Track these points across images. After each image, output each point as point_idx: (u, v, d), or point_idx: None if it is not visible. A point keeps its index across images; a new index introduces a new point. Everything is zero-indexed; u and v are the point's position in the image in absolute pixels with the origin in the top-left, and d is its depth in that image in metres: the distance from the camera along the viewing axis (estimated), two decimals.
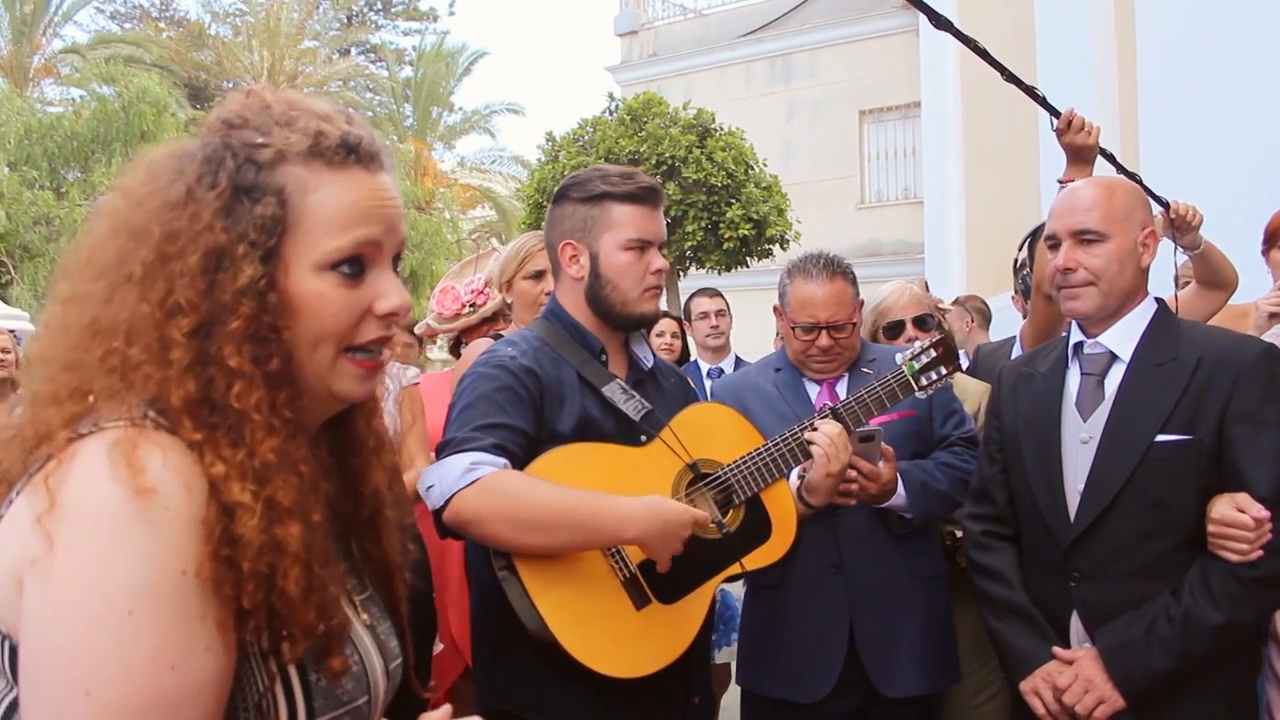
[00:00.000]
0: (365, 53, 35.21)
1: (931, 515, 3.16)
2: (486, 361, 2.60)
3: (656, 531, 2.39)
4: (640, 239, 2.66)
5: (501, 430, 2.45)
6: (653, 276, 2.69)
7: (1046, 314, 3.58)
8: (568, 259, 2.69)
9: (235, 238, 1.23)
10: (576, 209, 2.69)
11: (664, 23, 22.63)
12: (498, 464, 2.38)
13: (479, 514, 2.34)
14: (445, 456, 2.43)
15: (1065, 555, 2.57)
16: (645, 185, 2.71)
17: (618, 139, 13.19)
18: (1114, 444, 2.54)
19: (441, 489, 2.37)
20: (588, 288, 2.68)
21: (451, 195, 29.27)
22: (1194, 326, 2.70)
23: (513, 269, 3.92)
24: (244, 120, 1.28)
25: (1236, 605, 2.39)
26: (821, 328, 3.24)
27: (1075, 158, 3.42)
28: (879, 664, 3.12)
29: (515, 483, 2.38)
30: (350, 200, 1.28)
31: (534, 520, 2.35)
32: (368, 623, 1.40)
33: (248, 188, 1.24)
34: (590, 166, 2.88)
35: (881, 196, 19.61)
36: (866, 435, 2.93)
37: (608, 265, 2.66)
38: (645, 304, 2.70)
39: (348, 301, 1.28)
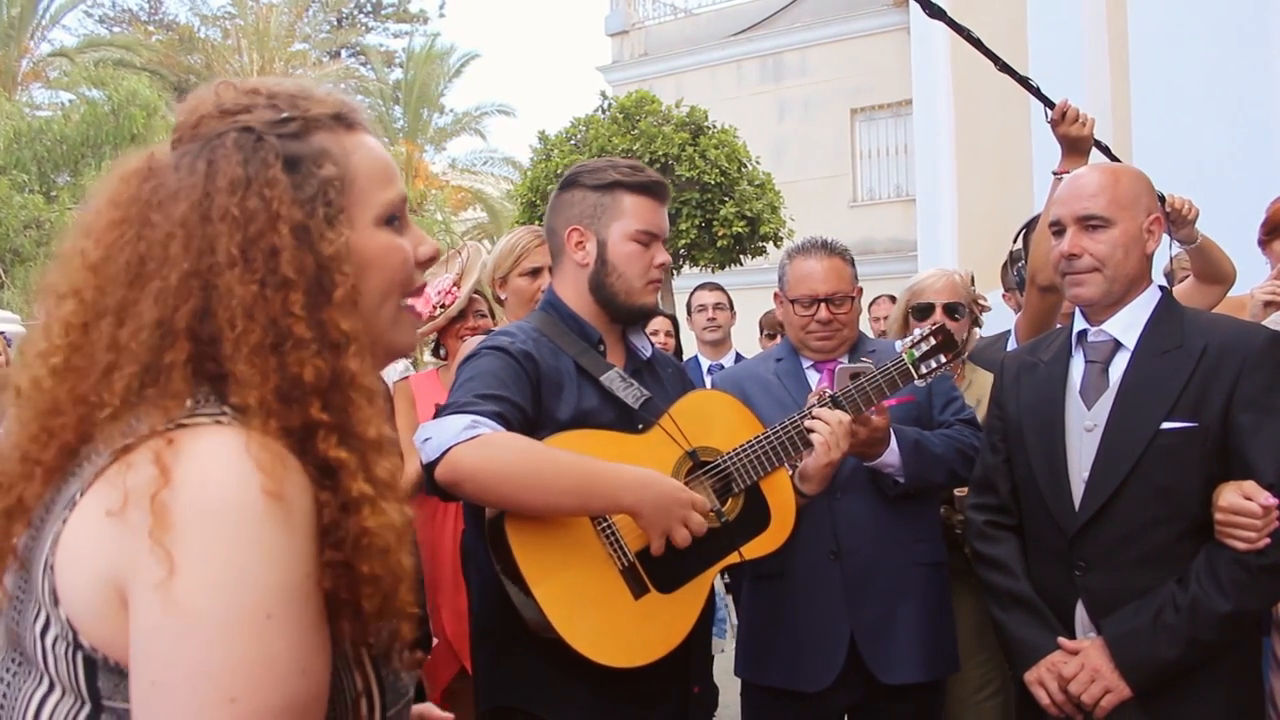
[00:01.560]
0: (355, 55, 35.16)
1: (926, 480, 3.11)
2: (486, 345, 2.59)
3: (652, 501, 2.37)
4: (648, 231, 2.66)
5: (503, 401, 2.42)
6: (656, 270, 2.69)
7: (1040, 306, 3.57)
8: (574, 244, 2.68)
9: (310, 205, 1.22)
10: (587, 195, 2.68)
11: (654, 22, 22.61)
12: (496, 428, 2.35)
13: (477, 468, 2.29)
14: (443, 416, 2.40)
15: (1070, 544, 2.56)
16: (655, 179, 2.73)
17: (610, 137, 13.17)
18: (1119, 432, 2.52)
19: (439, 441, 2.33)
20: (592, 274, 2.67)
21: (443, 197, 29.24)
22: (1199, 314, 2.69)
23: (508, 265, 3.90)
24: (246, 106, 1.26)
25: (1244, 593, 2.37)
26: (820, 300, 3.26)
27: (1070, 149, 3.41)
28: (876, 650, 3.11)
29: (515, 440, 2.35)
30: (378, 155, 1.33)
31: (532, 479, 2.31)
32: None
33: (297, 158, 1.24)
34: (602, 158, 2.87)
35: (873, 194, 19.61)
36: (856, 373, 2.90)
37: (615, 253, 2.65)
38: (647, 295, 2.70)
39: (403, 248, 1.32)
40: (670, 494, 2.40)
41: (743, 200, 13.19)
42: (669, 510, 2.39)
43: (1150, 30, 7.99)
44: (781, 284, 3.39)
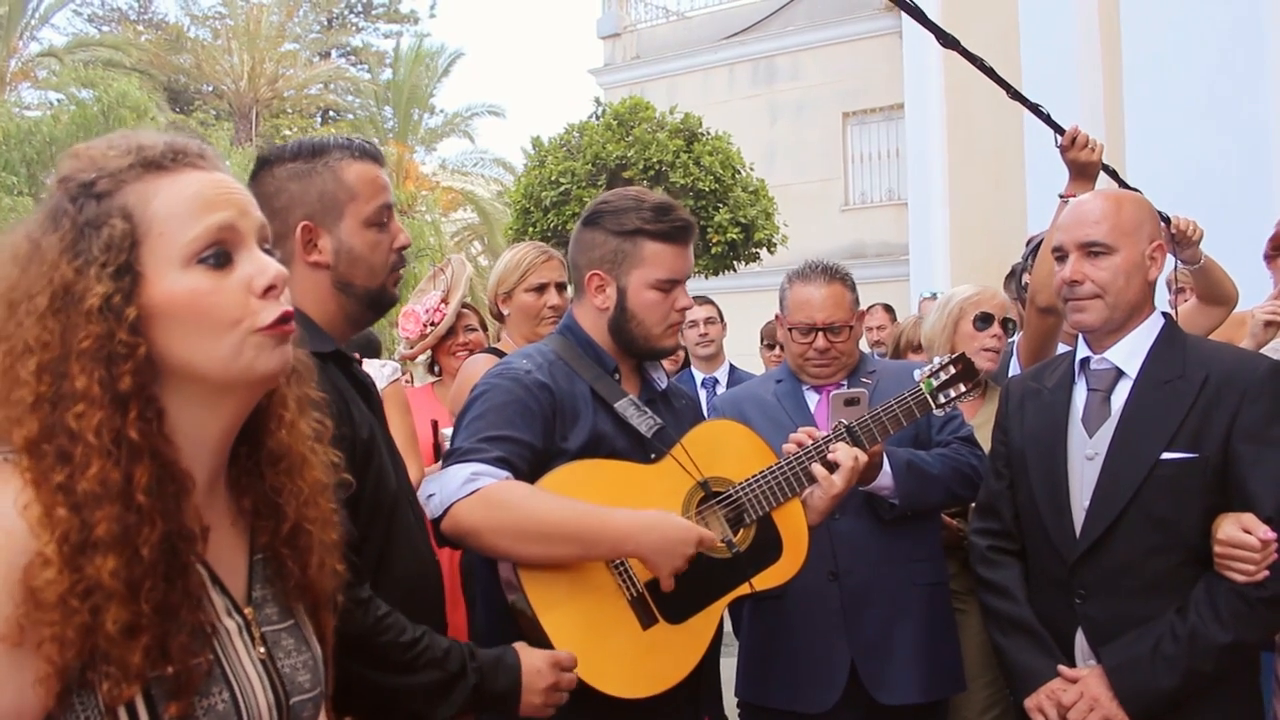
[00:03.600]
0: (345, 55, 35.09)
1: (922, 500, 3.10)
2: (500, 373, 2.60)
3: (657, 546, 2.39)
4: (670, 279, 2.66)
5: (508, 443, 2.44)
6: (677, 314, 2.70)
7: (1040, 327, 3.59)
8: (594, 289, 2.69)
9: (84, 265, 1.25)
10: (608, 240, 2.67)
11: (647, 25, 22.58)
12: (499, 476, 2.37)
13: (477, 525, 2.33)
14: (449, 465, 2.43)
15: (1070, 571, 2.58)
16: (680, 223, 2.70)
17: (604, 144, 13.15)
18: (1119, 461, 2.54)
19: (441, 498, 2.36)
20: (612, 320, 2.68)
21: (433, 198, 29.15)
22: (1201, 343, 2.71)
23: (513, 281, 3.90)
24: (72, 173, 1.31)
25: (1243, 625, 2.40)
26: (818, 329, 3.26)
27: (1078, 174, 3.42)
28: (874, 670, 3.12)
29: (516, 494, 2.37)
30: (193, 192, 1.31)
31: (533, 532, 2.34)
32: (263, 656, 1.38)
33: (92, 220, 1.27)
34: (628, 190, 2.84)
35: (865, 198, 19.60)
36: (851, 399, 2.90)
37: (635, 301, 2.65)
38: (667, 339, 2.72)
39: (223, 288, 1.30)
40: (675, 535, 2.41)
41: (737, 207, 13.18)
42: (675, 551, 2.41)
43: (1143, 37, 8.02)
44: (781, 307, 3.40)
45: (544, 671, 2.16)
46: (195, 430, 1.32)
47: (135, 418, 1.24)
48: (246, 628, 1.37)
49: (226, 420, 1.35)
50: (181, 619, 1.24)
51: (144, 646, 1.19)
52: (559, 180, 12.99)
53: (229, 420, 1.36)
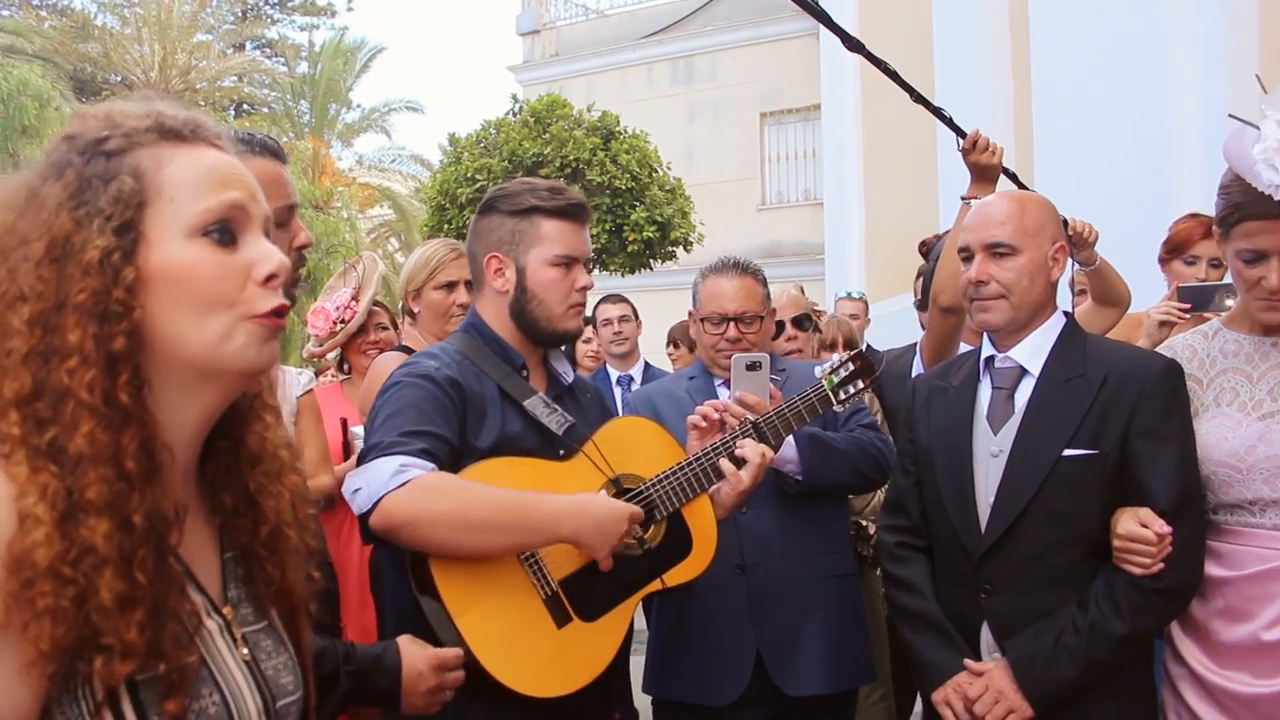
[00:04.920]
0: (261, 47, 34.47)
1: (826, 475, 3.14)
2: (409, 372, 2.57)
3: (591, 526, 2.39)
4: (568, 255, 2.65)
5: (428, 438, 2.41)
6: (578, 294, 2.69)
7: (942, 326, 3.65)
8: (493, 272, 2.67)
9: (85, 217, 1.21)
10: (504, 221, 2.67)
11: (566, 23, 22.57)
12: (427, 467, 2.35)
13: (415, 515, 2.29)
14: (371, 459, 2.39)
15: (976, 567, 2.62)
16: (575, 201, 2.71)
17: (521, 141, 13.10)
18: (1023, 457, 2.59)
19: (370, 491, 2.32)
20: (512, 302, 2.66)
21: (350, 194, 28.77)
22: (1100, 342, 2.77)
23: (422, 278, 3.86)
24: (84, 130, 1.28)
25: (1140, 616, 2.46)
26: (729, 319, 3.30)
27: (979, 176, 3.48)
28: (782, 663, 3.15)
29: (448, 482, 2.35)
30: (208, 166, 1.28)
31: (469, 521, 2.32)
32: (247, 658, 1.34)
33: (100, 173, 1.23)
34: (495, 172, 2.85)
35: (782, 198, 19.79)
36: (753, 364, 2.93)
37: (534, 280, 2.64)
38: (569, 320, 2.69)
39: (225, 266, 1.26)
40: (606, 514, 2.42)
41: (653, 205, 13.22)
42: (609, 530, 2.41)
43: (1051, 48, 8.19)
44: (694, 302, 3.43)
45: (425, 674, 2.12)
46: (172, 414, 1.27)
47: (126, 381, 1.19)
48: (227, 628, 1.33)
49: (204, 408, 1.30)
50: (170, 605, 1.20)
51: (138, 622, 1.15)
52: (475, 177, 12.92)
53: (206, 409, 1.31)
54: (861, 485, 3.35)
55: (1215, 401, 2.57)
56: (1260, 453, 2.45)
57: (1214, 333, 2.67)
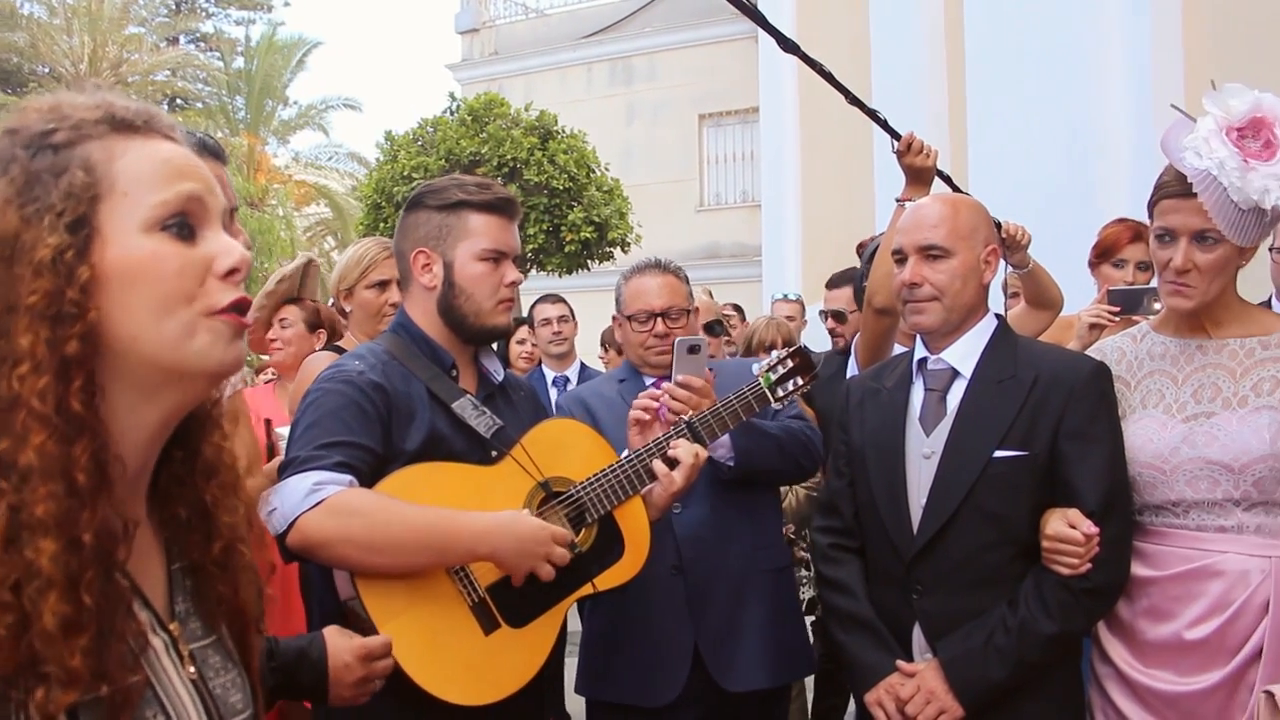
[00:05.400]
0: (195, 41, 33.91)
1: (760, 459, 3.14)
2: (332, 377, 2.52)
3: (511, 547, 2.36)
4: (496, 249, 2.62)
5: (347, 448, 2.37)
6: (507, 289, 2.65)
7: (876, 328, 3.67)
8: (420, 267, 2.63)
9: (35, 214, 1.14)
10: (431, 216, 2.63)
11: (505, 21, 22.47)
12: (343, 482, 2.31)
13: (327, 537, 2.26)
14: (287, 476, 2.34)
15: (908, 568, 2.63)
16: (503, 196, 2.67)
17: (458, 140, 13.02)
18: (954, 459, 2.60)
19: (284, 512, 2.28)
20: (440, 297, 2.62)
21: (285, 192, 28.44)
22: (1031, 344, 2.79)
23: (354, 277, 3.81)
24: (27, 123, 1.20)
25: (1068, 615, 2.49)
26: (657, 315, 3.29)
27: (914, 179, 3.50)
28: (721, 660, 3.15)
29: (363, 501, 2.31)
30: (164, 157, 1.22)
31: (384, 542, 2.28)
32: (194, 676, 1.27)
33: (48, 168, 1.16)
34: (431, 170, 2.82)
35: (720, 199, 19.85)
36: (694, 346, 2.92)
37: (462, 275, 2.60)
38: (498, 316, 2.65)
39: (185, 260, 1.19)
40: (529, 534, 2.39)
41: (591, 206, 13.19)
42: (530, 551, 2.38)
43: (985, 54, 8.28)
44: (618, 304, 3.42)
45: (352, 665, 2.07)
46: (127, 421, 1.19)
47: (79, 388, 1.12)
48: (173, 645, 1.26)
49: (164, 414, 1.23)
50: (117, 626, 1.13)
51: (82, 648, 1.07)
52: (411, 176, 12.80)
53: (166, 415, 1.24)
54: (793, 471, 3.36)
55: (1142, 403, 2.60)
56: (1184, 454, 2.48)
57: (1142, 335, 2.70)
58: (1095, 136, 7.05)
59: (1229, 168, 2.35)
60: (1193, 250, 2.46)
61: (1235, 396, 2.49)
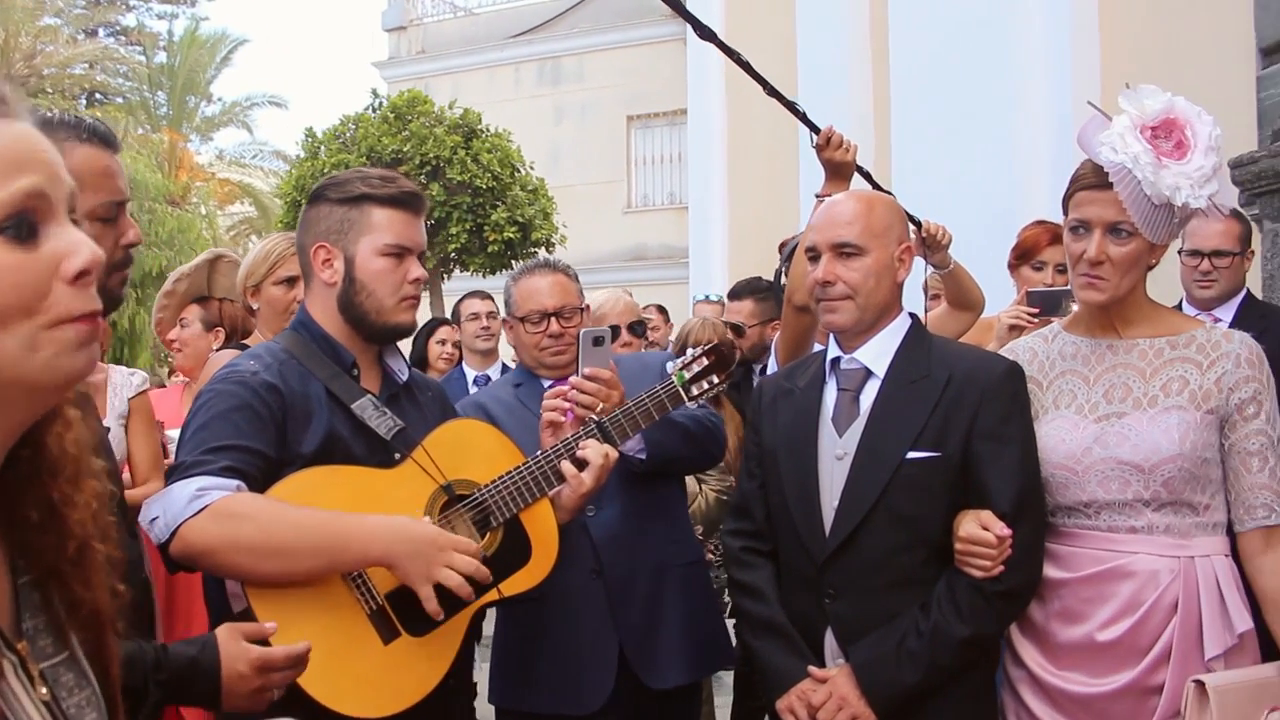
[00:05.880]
0: (115, 34, 33.17)
1: (671, 449, 3.09)
2: (224, 378, 2.42)
3: (406, 552, 2.26)
4: (399, 245, 2.52)
5: (235, 452, 2.27)
6: (410, 285, 2.55)
7: (797, 326, 3.64)
8: (320, 263, 2.53)
9: None
10: (333, 210, 2.53)
11: (433, 20, 22.32)
12: (229, 487, 2.21)
13: (211, 544, 2.17)
14: (172, 482, 2.25)
15: (820, 571, 2.58)
16: (407, 190, 2.58)
17: (380, 137, 12.87)
18: (867, 460, 2.56)
19: (167, 519, 2.18)
20: (340, 294, 2.52)
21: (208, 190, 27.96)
22: (945, 344, 2.77)
23: (261, 273, 3.69)
24: None
25: (980, 618, 2.46)
26: (550, 315, 3.22)
27: (833, 174, 3.47)
28: (644, 658, 3.10)
29: (249, 506, 2.22)
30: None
31: (272, 546, 2.19)
32: (46, 698, 1.17)
33: None
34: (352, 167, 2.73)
35: (648, 201, 19.86)
36: (598, 338, 2.86)
37: (363, 271, 2.50)
38: (401, 314, 2.56)
39: (25, 266, 1.05)
40: (425, 540, 2.30)
41: (515, 206, 13.13)
42: (427, 557, 2.29)
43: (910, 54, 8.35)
44: (509, 307, 3.35)
45: (247, 675, 1.98)
46: None
47: None
48: (22, 666, 1.15)
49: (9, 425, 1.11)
50: None
51: None
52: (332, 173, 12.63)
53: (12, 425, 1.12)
54: (702, 459, 3.34)
55: (1054, 404, 2.58)
56: (1095, 455, 2.47)
57: (1054, 336, 2.69)
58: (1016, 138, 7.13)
59: (1143, 162, 2.36)
60: (1106, 242, 2.46)
61: (1145, 397, 2.48)
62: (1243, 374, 2.46)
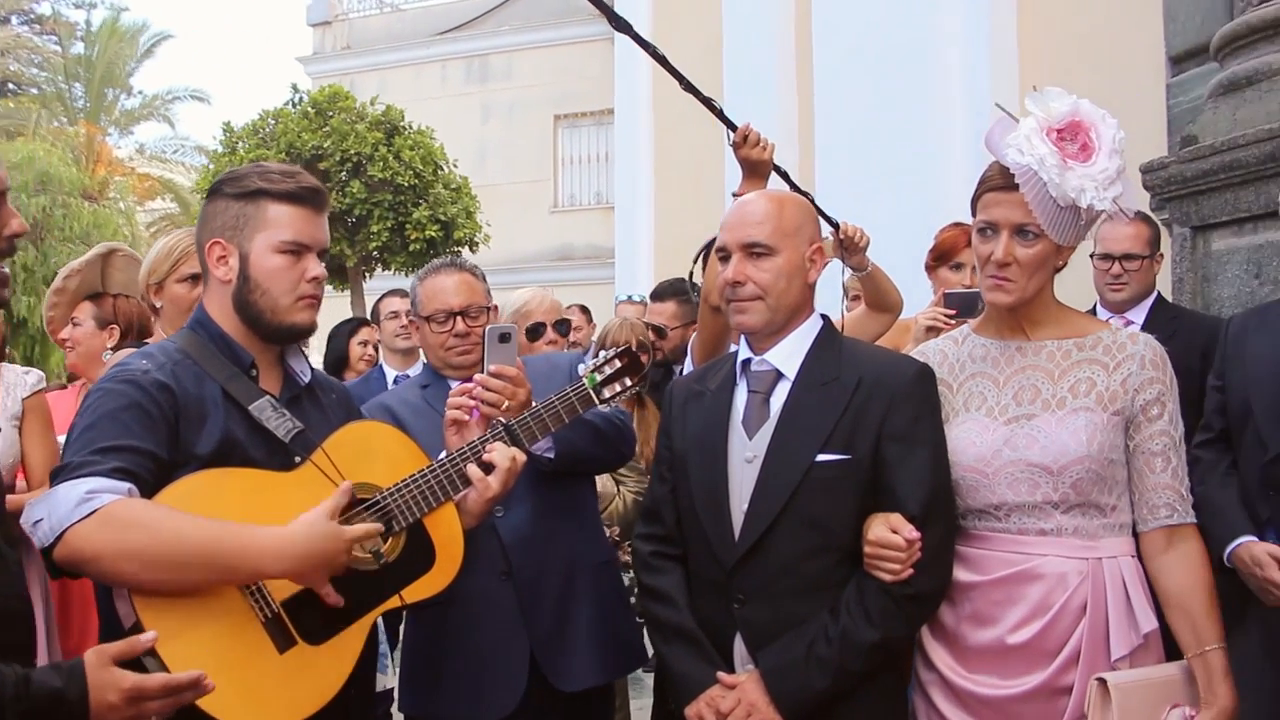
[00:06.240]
0: (29, 23, 32.35)
1: (578, 446, 3.05)
2: (114, 376, 2.32)
3: (304, 558, 2.20)
4: (296, 242, 2.44)
5: (126, 453, 2.18)
6: (308, 284, 2.47)
7: (714, 326, 3.61)
8: (215, 260, 2.45)
9: None
10: (230, 205, 2.45)
11: (359, 15, 22.08)
12: (119, 490, 2.12)
13: (99, 550, 2.07)
14: (58, 484, 2.15)
15: (729, 575, 2.55)
16: (308, 186, 2.50)
17: (300, 133, 12.67)
18: (777, 463, 2.53)
19: (52, 523, 2.08)
20: (236, 292, 2.44)
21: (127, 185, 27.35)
22: (856, 345, 2.74)
23: (164, 270, 3.58)
24: None
25: (889, 622, 2.44)
26: (455, 314, 3.19)
27: (750, 172, 3.44)
28: (555, 661, 3.06)
29: (140, 513, 2.12)
30: None
31: (163, 556, 2.10)
32: None
33: None
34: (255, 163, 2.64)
35: (574, 201, 19.82)
36: (505, 334, 2.82)
37: (258, 268, 2.42)
38: (298, 314, 2.48)
39: None
40: (325, 540, 2.23)
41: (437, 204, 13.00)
42: (329, 560, 2.23)
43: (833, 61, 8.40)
44: (414, 307, 3.30)
45: (118, 705, 1.89)
46: None
47: None
48: None
49: None
50: None
51: None
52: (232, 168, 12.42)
53: None
54: (612, 459, 3.31)
55: (964, 406, 2.58)
56: (1005, 457, 2.47)
57: (964, 338, 2.69)
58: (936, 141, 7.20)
59: (1049, 164, 2.37)
60: (1013, 244, 2.47)
61: (1054, 398, 2.49)
62: (1147, 375, 2.48)
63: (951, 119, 7.16)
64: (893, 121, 7.49)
